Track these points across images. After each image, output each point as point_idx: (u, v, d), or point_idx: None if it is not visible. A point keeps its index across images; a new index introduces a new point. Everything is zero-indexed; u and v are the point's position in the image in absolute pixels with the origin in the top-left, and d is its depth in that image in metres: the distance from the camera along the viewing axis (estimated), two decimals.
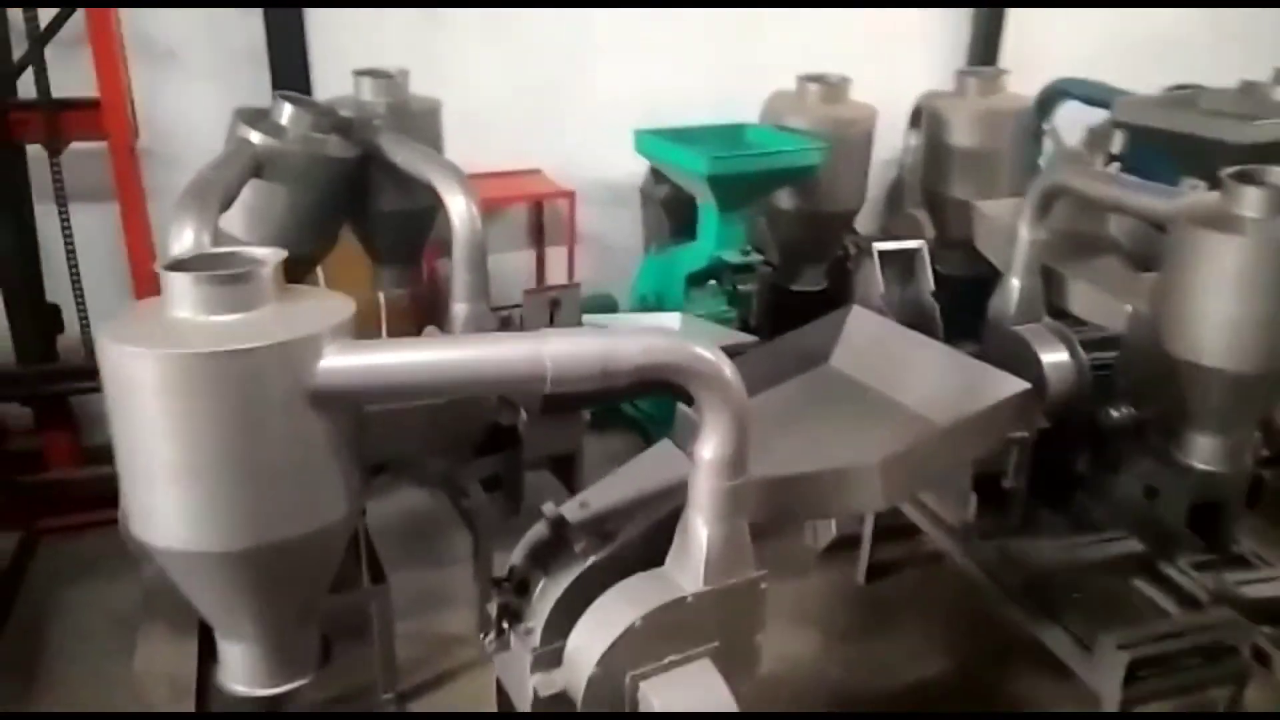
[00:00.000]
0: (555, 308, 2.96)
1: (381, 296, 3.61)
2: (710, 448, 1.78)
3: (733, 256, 3.30)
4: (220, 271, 1.54)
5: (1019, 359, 2.93)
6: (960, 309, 4.31)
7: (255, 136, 2.89)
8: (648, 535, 2.03)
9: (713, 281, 3.40)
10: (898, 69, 5.23)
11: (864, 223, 5.19)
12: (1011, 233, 3.18)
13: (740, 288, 3.48)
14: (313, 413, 1.52)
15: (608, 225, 4.73)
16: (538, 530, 2.07)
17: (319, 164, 3.01)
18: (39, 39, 3.34)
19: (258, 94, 3.94)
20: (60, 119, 3.38)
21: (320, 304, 1.64)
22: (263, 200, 2.97)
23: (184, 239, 2.38)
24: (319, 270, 3.90)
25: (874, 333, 2.57)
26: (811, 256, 4.19)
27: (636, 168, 4.21)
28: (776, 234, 4.03)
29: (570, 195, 4.37)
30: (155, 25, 3.91)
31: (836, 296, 3.88)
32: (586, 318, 3.02)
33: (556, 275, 4.62)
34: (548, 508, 2.08)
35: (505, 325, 3.16)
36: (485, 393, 2.23)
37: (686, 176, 3.20)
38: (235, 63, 4.05)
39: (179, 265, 1.58)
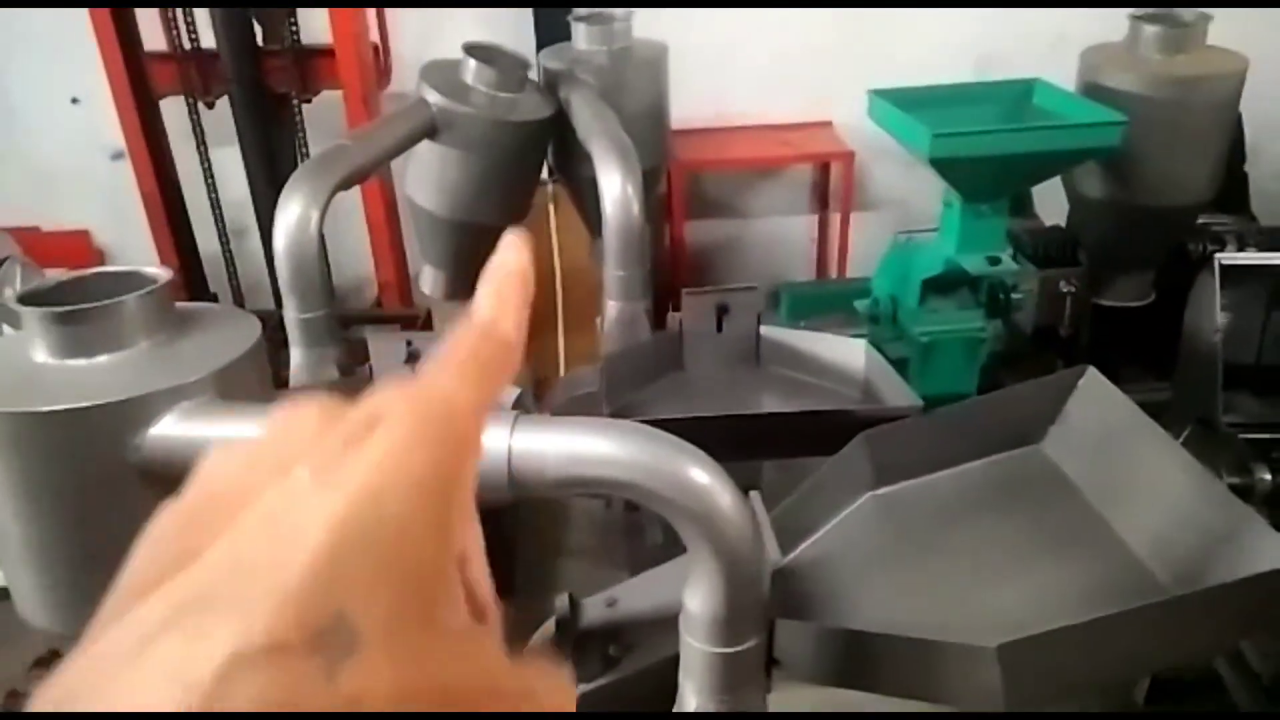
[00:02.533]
0: (724, 314, 2.42)
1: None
2: (698, 600, 1.24)
3: (976, 264, 2.48)
4: (65, 308, 1.27)
5: None
6: None
7: (432, 96, 2.65)
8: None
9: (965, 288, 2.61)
10: None
11: (1267, 202, 3.90)
12: None
13: (1013, 295, 2.66)
14: (149, 491, 1.23)
15: (913, 187, 3.96)
16: (545, 630, 1.65)
17: (501, 128, 2.70)
18: None
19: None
20: (307, 66, 3.40)
21: (204, 342, 1.32)
22: (442, 164, 2.74)
23: (287, 216, 2.20)
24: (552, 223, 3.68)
25: (1110, 416, 1.75)
26: (1130, 262, 3.04)
27: None
28: (1082, 228, 3.04)
29: (848, 157, 3.69)
30: None
31: (1164, 318, 2.87)
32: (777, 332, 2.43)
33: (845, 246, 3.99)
34: (561, 601, 1.65)
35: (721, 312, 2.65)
36: None
37: (919, 155, 2.42)
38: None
39: (58, 290, 1.34)
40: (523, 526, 2.83)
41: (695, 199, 4.16)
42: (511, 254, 0.46)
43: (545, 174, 3.17)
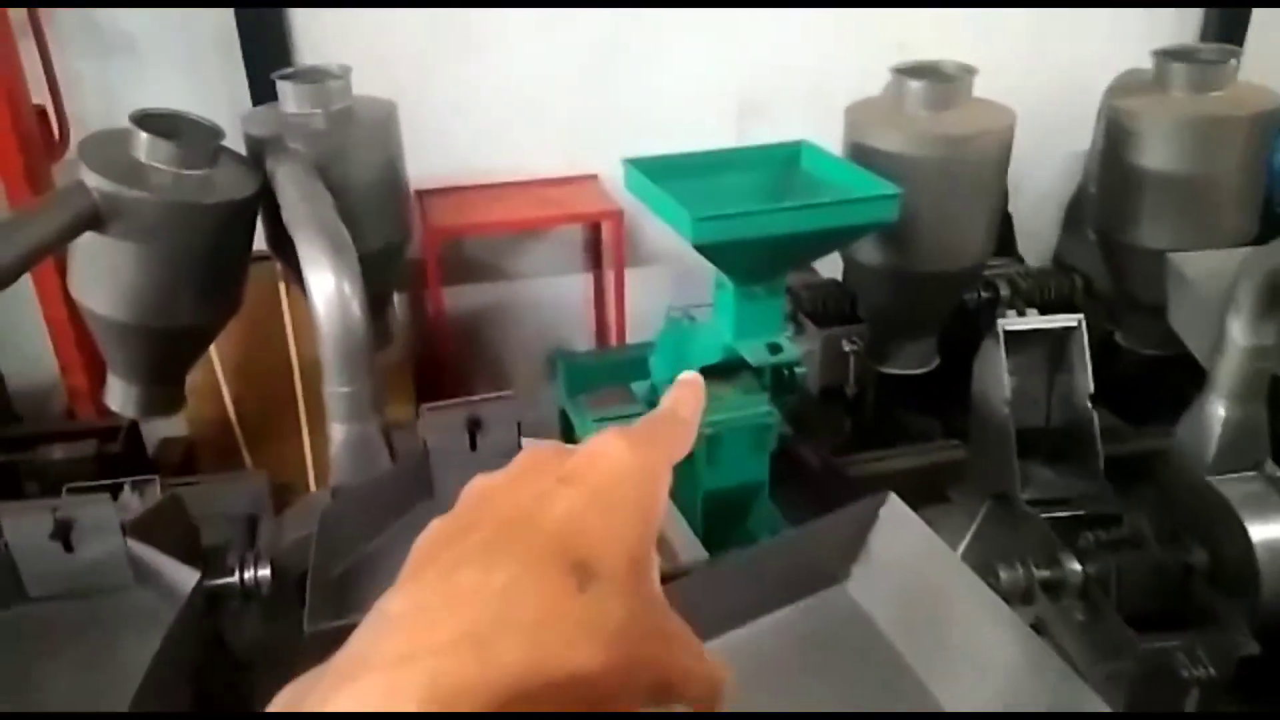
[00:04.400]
0: (476, 429, 2.03)
1: None
2: None
3: (756, 354, 2.20)
4: None
5: (1217, 530, 1.95)
6: (1149, 391, 3.06)
7: (93, 179, 2.12)
8: None
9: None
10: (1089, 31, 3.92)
11: (1030, 241, 3.93)
12: (1218, 317, 1.99)
13: (796, 370, 2.42)
14: None
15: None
16: None
17: (187, 213, 2.21)
18: None
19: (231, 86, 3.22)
20: None
21: None
22: (114, 260, 2.22)
23: None
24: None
25: (915, 550, 1.50)
26: (910, 328, 2.87)
27: None
28: (859, 291, 2.88)
29: (616, 215, 3.40)
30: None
31: (951, 375, 2.73)
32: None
33: (628, 304, 3.69)
34: None
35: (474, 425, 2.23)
36: None
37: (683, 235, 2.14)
38: (200, 52, 3.31)
39: None
40: None
41: (457, 263, 3.76)
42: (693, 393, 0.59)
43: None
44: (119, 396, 2.50)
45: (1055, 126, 3.62)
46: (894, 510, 1.54)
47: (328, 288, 1.96)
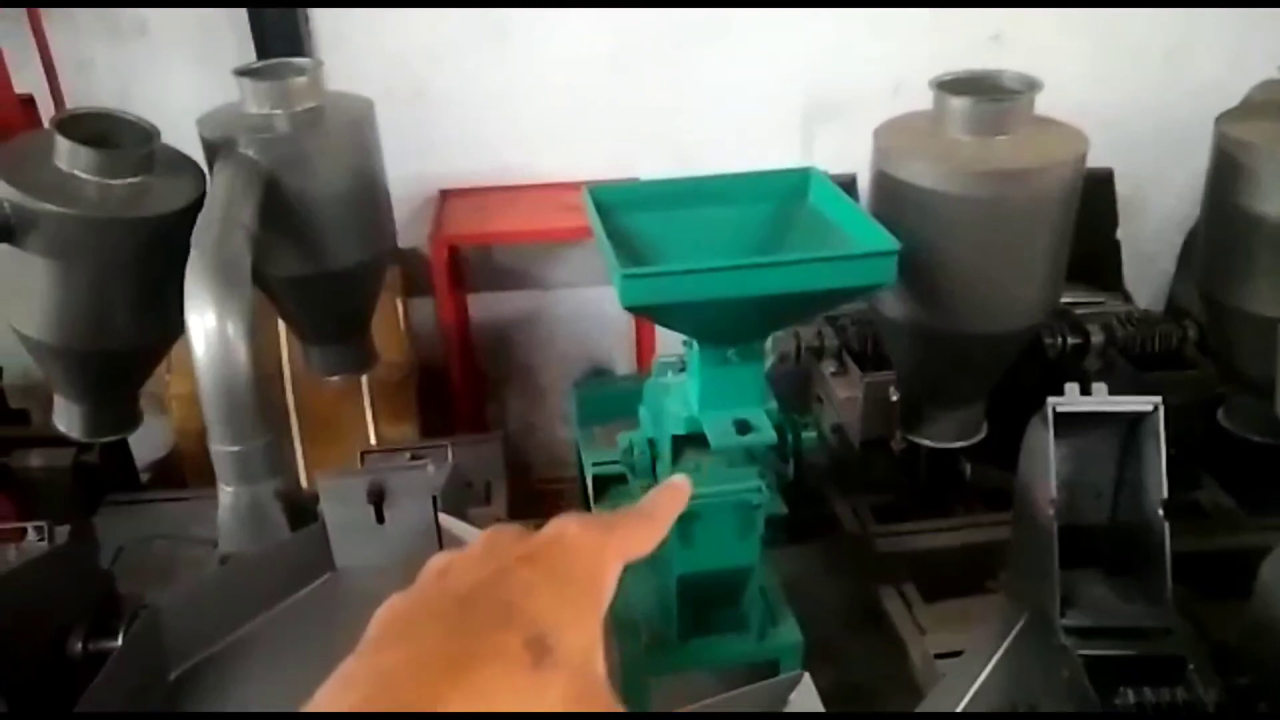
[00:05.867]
0: (380, 502, 1.72)
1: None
2: None
3: (719, 432, 1.68)
4: None
5: None
6: (1265, 479, 2.51)
7: (1, 189, 1.92)
8: None
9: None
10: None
11: (1142, 276, 3.35)
12: None
13: (804, 434, 2.01)
14: None
15: None
16: None
17: (111, 229, 1.98)
18: None
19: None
20: None
21: None
22: (31, 277, 2.02)
23: None
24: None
25: None
26: (946, 397, 2.30)
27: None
28: (886, 346, 2.38)
29: None
30: None
31: (1009, 441, 2.24)
32: None
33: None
34: None
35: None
36: None
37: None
38: (216, 38, 3.10)
39: None
40: None
41: (484, 267, 3.47)
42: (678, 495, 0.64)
43: None
44: (63, 416, 2.33)
45: (1189, 138, 3.04)
46: (805, 695, 1.16)
47: (208, 328, 1.70)
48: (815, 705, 1.17)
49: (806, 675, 1.19)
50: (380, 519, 1.76)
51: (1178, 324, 2.80)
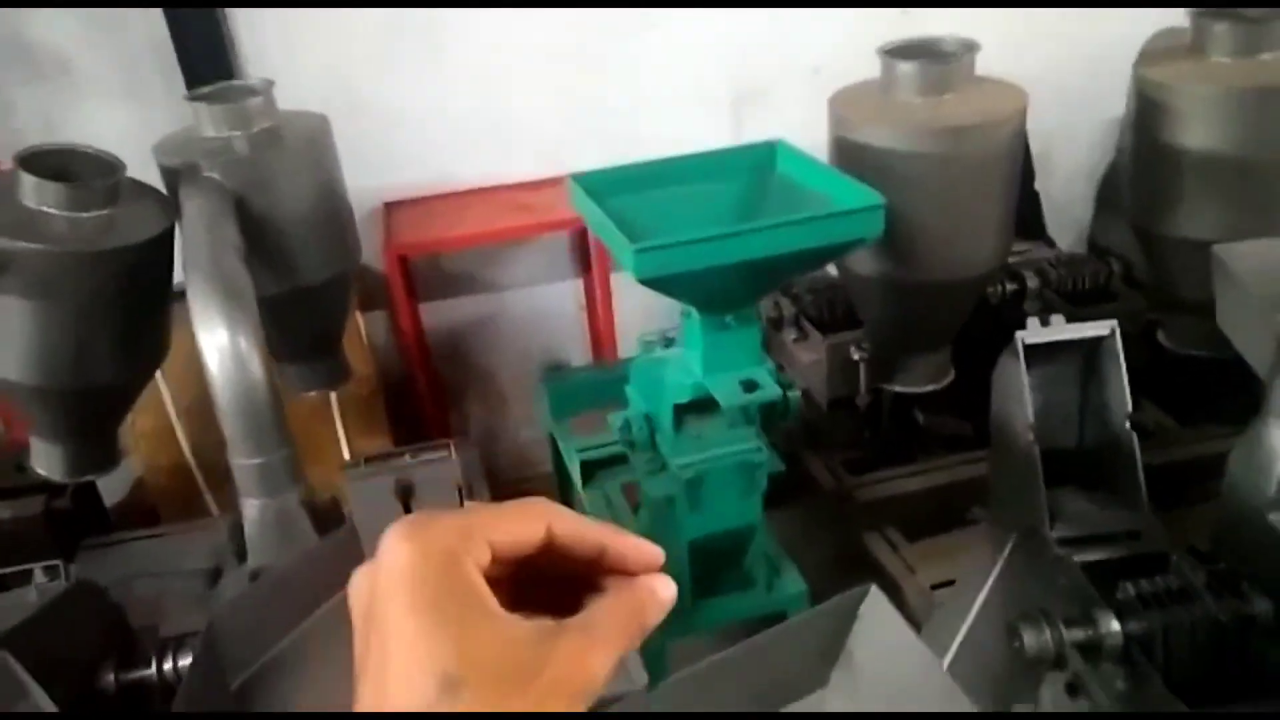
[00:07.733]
0: (409, 497, 1.77)
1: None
2: None
3: (727, 392, 1.81)
4: None
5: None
6: (1199, 391, 2.72)
7: None
8: None
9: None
10: None
11: (1061, 222, 3.57)
12: (1275, 318, 1.68)
13: (790, 394, 2.11)
14: None
15: None
16: None
17: (83, 263, 1.96)
18: None
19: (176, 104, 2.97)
20: None
21: None
22: (7, 318, 1.98)
23: None
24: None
25: (897, 655, 1.22)
26: (916, 343, 2.52)
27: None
28: (858, 303, 2.53)
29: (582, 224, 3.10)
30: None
31: (976, 389, 2.39)
32: None
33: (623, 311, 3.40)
34: None
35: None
36: None
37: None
38: (137, 69, 3.05)
39: None
40: None
41: (434, 276, 3.49)
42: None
43: None
44: (43, 458, 2.28)
45: (1089, 93, 3.26)
46: (875, 604, 1.25)
47: (221, 344, 1.71)
48: (888, 613, 1.25)
49: (874, 586, 1.28)
50: (408, 513, 1.79)
51: (1104, 262, 3.01)
